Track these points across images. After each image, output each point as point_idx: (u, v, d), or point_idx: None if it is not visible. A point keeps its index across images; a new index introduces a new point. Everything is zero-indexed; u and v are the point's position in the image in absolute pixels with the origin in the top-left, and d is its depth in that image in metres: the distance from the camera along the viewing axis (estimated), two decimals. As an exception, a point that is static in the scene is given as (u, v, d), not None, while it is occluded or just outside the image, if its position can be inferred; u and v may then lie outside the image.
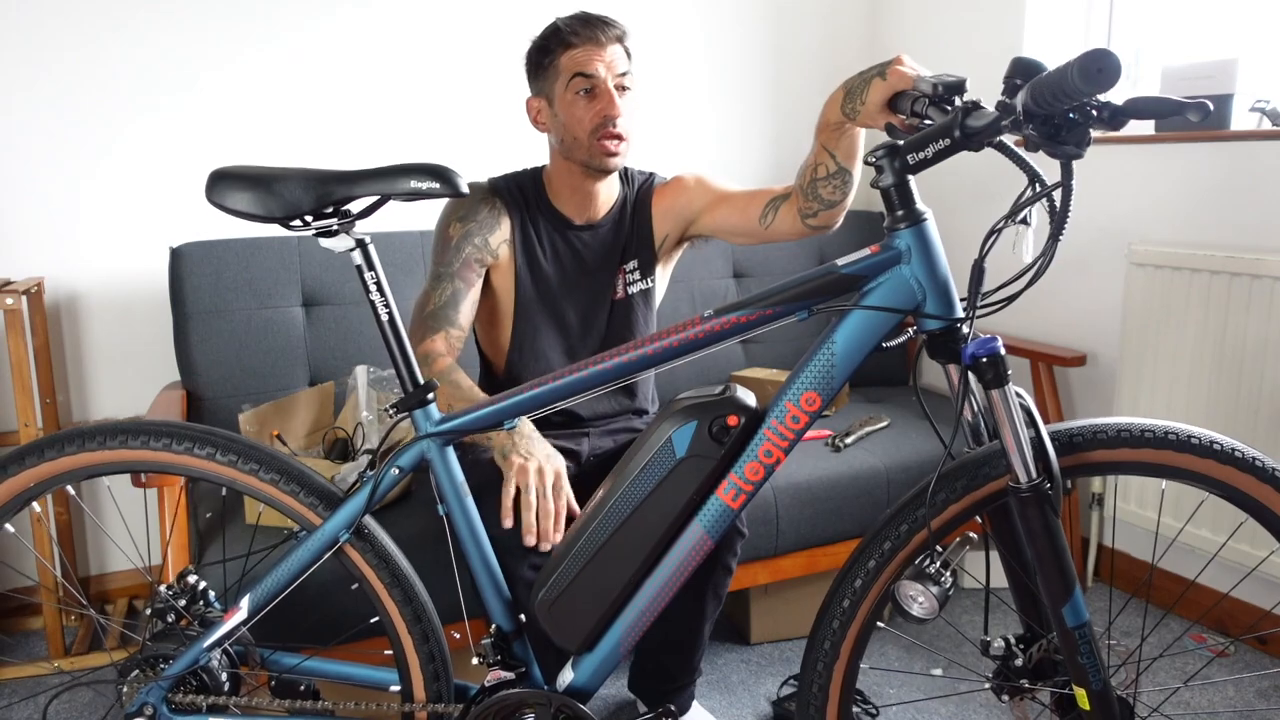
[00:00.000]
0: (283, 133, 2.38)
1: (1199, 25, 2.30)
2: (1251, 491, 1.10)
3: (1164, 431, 1.09)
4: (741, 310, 1.11)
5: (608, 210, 1.70)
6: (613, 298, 1.71)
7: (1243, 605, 2.11)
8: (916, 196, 1.07)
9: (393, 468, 1.22)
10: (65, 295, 2.28)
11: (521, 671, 1.28)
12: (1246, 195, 2.02)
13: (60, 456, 1.22)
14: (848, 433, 2.17)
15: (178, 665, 1.23)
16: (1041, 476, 1.05)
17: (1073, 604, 1.07)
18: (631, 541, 1.16)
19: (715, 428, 1.12)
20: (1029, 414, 1.06)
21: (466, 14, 2.49)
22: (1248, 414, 1.99)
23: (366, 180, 1.14)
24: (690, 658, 1.74)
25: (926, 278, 1.07)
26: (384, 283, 1.20)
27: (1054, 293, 2.48)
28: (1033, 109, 0.93)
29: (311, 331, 2.17)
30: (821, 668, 1.18)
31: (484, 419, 1.21)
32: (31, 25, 2.16)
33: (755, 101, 2.87)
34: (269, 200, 1.12)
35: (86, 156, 2.24)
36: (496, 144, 2.51)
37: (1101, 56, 0.85)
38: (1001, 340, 1.06)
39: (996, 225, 1.04)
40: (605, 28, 1.56)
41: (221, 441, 1.24)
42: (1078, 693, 1.10)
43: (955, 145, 1.00)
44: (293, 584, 1.23)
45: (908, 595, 1.06)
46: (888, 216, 1.08)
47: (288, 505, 1.25)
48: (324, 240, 1.18)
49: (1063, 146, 0.96)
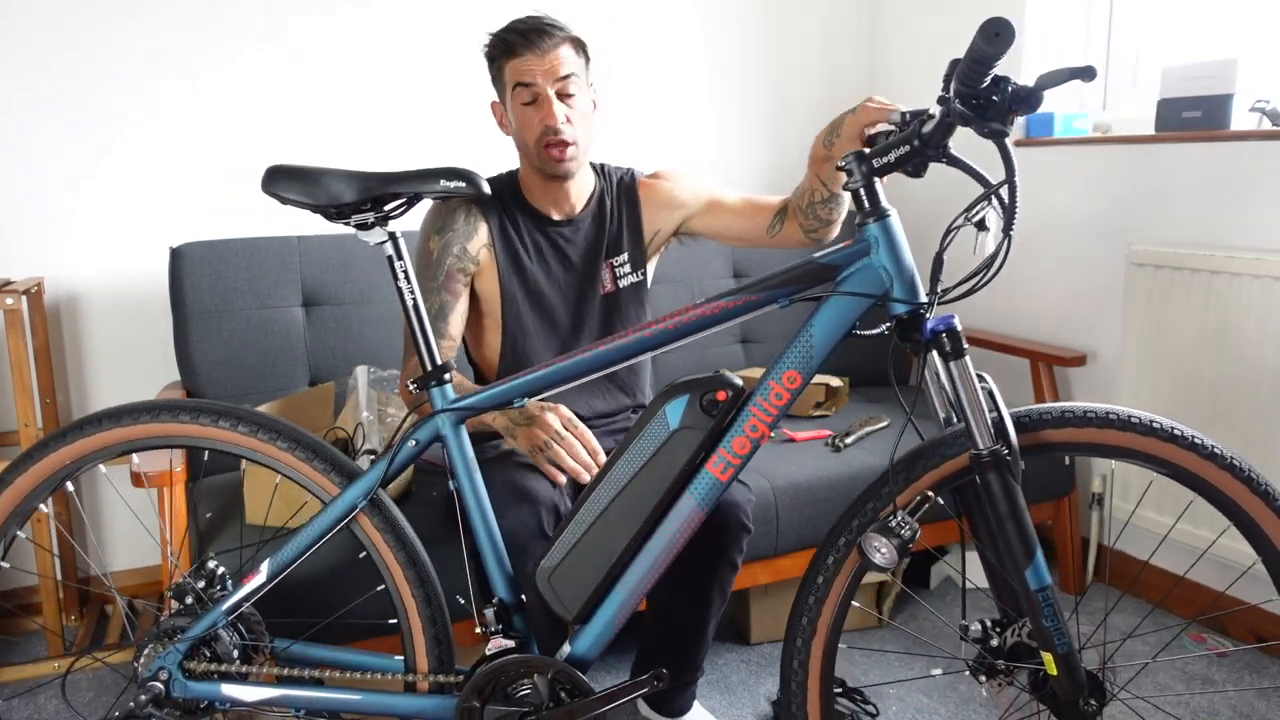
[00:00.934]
0: (283, 133, 2.38)
1: (1199, 25, 2.30)
2: (1195, 469, 1.18)
3: (1105, 412, 1.18)
4: (729, 296, 1.22)
5: (585, 204, 1.71)
6: (601, 292, 1.72)
7: (1228, 598, 2.11)
8: (883, 196, 1.19)
9: (410, 440, 1.32)
10: (65, 295, 2.28)
11: (521, 643, 1.33)
12: (1246, 195, 2.02)
13: (97, 433, 1.33)
14: (848, 433, 2.17)
15: (197, 628, 1.30)
16: (1000, 442, 1.14)
17: (1034, 567, 1.15)
18: (628, 510, 1.25)
19: (705, 401, 1.22)
20: (991, 396, 1.16)
21: (467, 15, 2.49)
22: (1248, 414, 1.99)
23: (403, 180, 1.28)
24: (694, 653, 1.74)
25: (893, 266, 1.18)
26: (411, 272, 1.31)
27: (1054, 293, 2.48)
28: (962, 90, 1.07)
29: (311, 331, 2.17)
30: (800, 643, 1.26)
31: (495, 397, 1.29)
32: (31, 26, 2.16)
33: (755, 99, 2.87)
34: (318, 192, 1.27)
35: (86, 156, 2.24)
36: (494, 144, 2.51)
37: (997, 21, 0.99)
38: (958, 318, 1.17)
39: (953, 223, 1.16)
40: (543, 35, 1.55)
41: (248, 416, 1.35)
42: (1045, 658, 1.17)
43: (914, 151, 1.14)
44: (312, 548, 1.32)
45: (872, 546, 1.15)
46: (858, 214, 1.20)
47: (309, 476, 1.35)
48: (361, 233, 1.31)
49: (990, 124, 1.08)
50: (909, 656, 2.09)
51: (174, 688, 1.30)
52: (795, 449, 2.12)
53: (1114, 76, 2.49)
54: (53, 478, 1.35)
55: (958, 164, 1.18)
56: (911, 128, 1.15)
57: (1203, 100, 2.07)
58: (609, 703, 1.28)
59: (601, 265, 1.71)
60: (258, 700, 1.31)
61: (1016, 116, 1.09)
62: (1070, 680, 1.17)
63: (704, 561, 1.64)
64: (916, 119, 1.17)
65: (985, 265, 1.16)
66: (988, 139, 1.10)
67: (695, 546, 1.62)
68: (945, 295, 1.17)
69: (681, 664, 1.76)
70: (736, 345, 2.57)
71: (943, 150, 1.14)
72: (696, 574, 1.65)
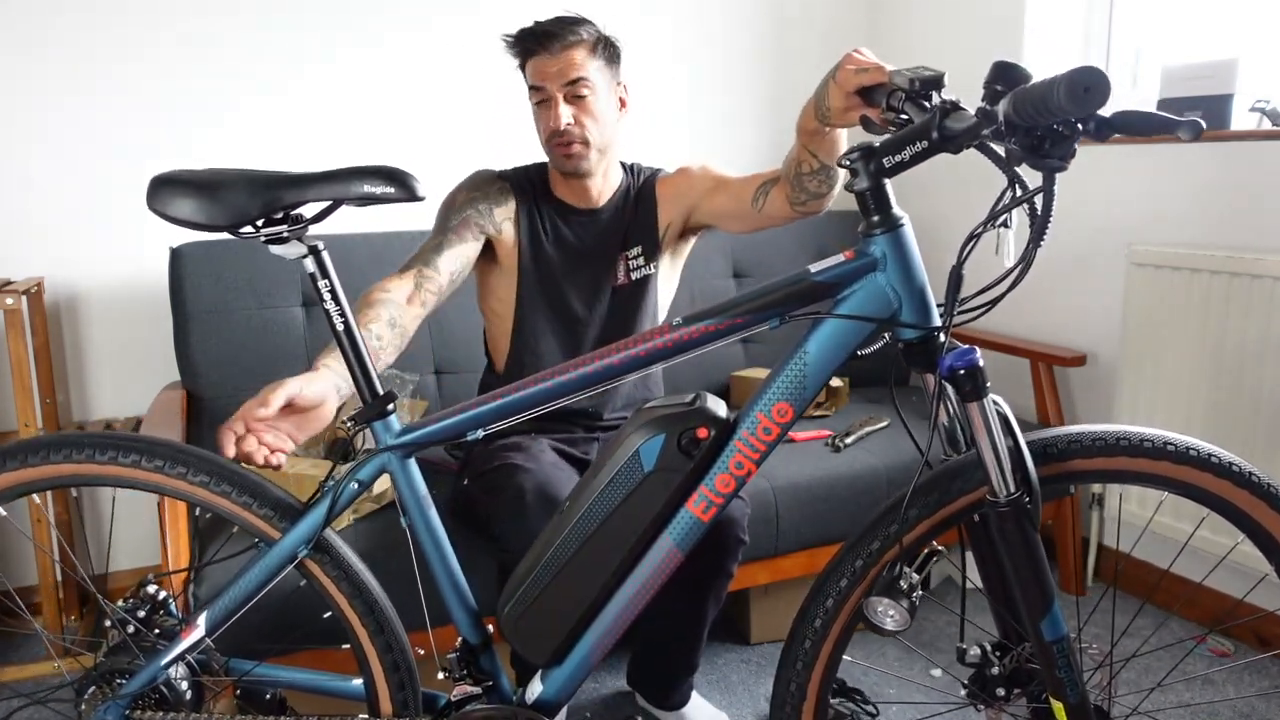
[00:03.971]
0: (283, 133, 2.38)
1: (1199, 25, 2.30)
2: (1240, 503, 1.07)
3: (1131, 438, 1.06)
4: (710, 319, 1.07)
5: (609, 198, 1.72)
6: (614, 283, 1.72)
7: (1248, 605, 2.11)
8: (893, 200, 1.03)
9: (352, 481, 1.18)
10: (65, 295, 2.28)
11: (489, 685, 1.25)
12: (1246, 195, 2.02)
13: (20, 468, 1.16)
14: (848, 433, 2.17)
15: (135, 683, 1.18)
16: (1020, 490, 1.02)
17: (1051, 618, 1.05)
18: (599, 556, 1.13)
19: (684, 440, 1.08)
20: (1006, 422, 1.03)
21: (466, 16, 2.49)
22: (1248, 414, 1.99)
23: (317, 184, 1.08)
24: (688, 656, 1.76)
25: (902, 285, 1.03)
26: (339, 290, 1.14)
27: (1054, 293, 2.48)
28: (1014, 120, 0.88)
29: (311, 331, 2.17)
30: (794, 688, 1.16)
31: (447, 430, 1.16)
32: (31, 27, 2.16)
33: (760, 87, 2.87)
34: (213, 208, 1.06)
35: (87, 156, 2.24)
36: (496, 146, 2.51)
37: (1090, 75, 0.79)
38: (980, 352, 1.02)
39: (975, 230, 0.99)
40: (554, 38, 1.56)
41: (170, 454, 1.18)
42: (1054, 706, 1.08)
43: (933, 147, 0.96)
44: (251, 600, 1.19)
45: (878, 611, 1.04)
46: (863, 221, 1.04)
47: (242, 518, 1.19)
48: (274, 248, 1.12)
49: (1045, 160, 0.91)
50: (909, 656, 2.09)
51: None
52: (795, 449, 2.12)
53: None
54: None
55: (987, 153, 0.99)
56: (930, 118, 0.95)
57: (1203, 100, 2.07)
58: None
59: (617, 258, 1.72)
60: None
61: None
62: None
63: (700, 574, 1.65)
64: (927, 98, 0.99)
65: (1002, 278, 1.00)
66: (1037, 171, 0.94)
67: (691, 560, 1.62)
68: (960, 313, 1.02)
69: (677, 664, 1.77)
70: (736, 345, 2.57)
71: (964, 145, 0.95)
72: (693, 586, 1.65)
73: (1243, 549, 1.96)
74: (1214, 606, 2.14)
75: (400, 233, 2.29)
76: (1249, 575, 2.05)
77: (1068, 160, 0.91)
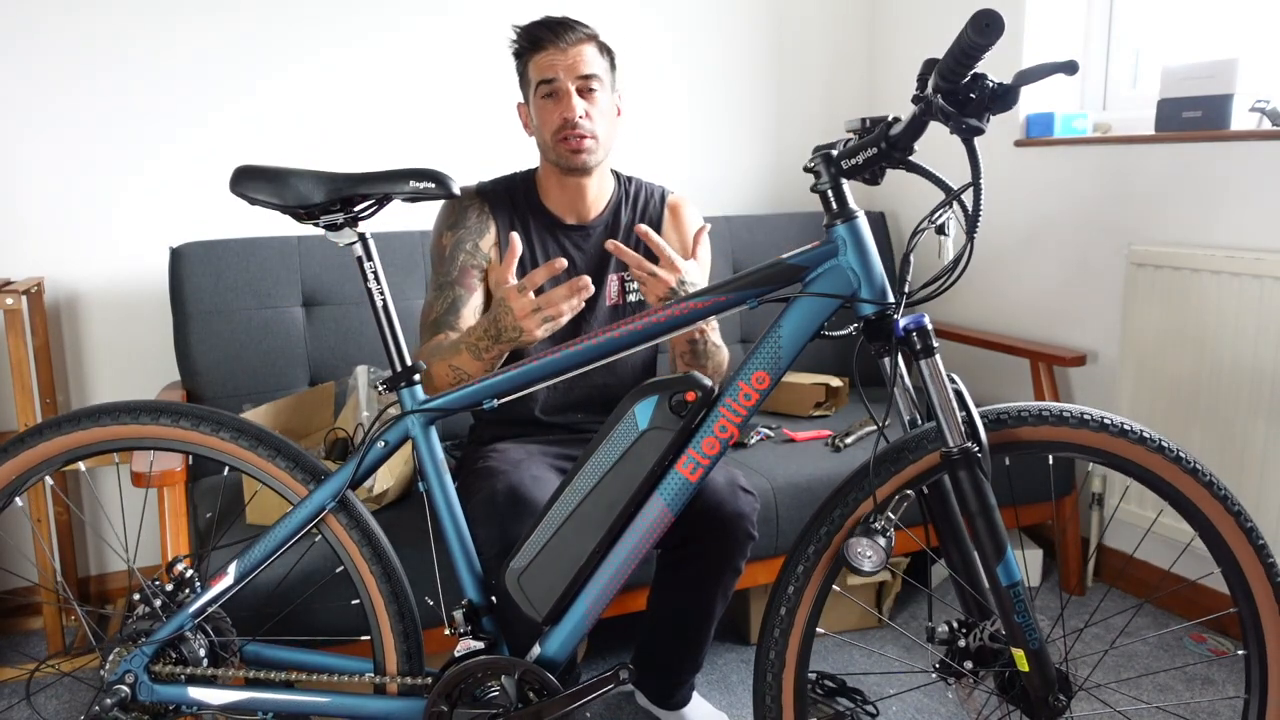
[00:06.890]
0: (282, 133, 2.38)
1: (1199, 25, 2.30)
2: (1162, 473, 1.22)
3: (1070, 413, 1.22)
4: (698, 297, 1.24)
5: (599, 212, 1.72)
6: (608, 303, 1.72)
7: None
8: (850, 197, 1.20)
9: (379, 441, 1.30)
10: (65, 295, 2.28)
11: (491, 644, 1.32)
12: (1246, 195, 2.02)
13: (72, 432, 1.31)
14: (847, 433, 2.18)
15: (164, 630, 1.28)
16: (971, 441, 1.16)
17: (1005, 564, 1.17)
18: (597, 511, 1.24)
19: (674, 401, 1.22)
20: (960, 396, 1.18)
21: (467, 18, 2.49)
22: (1248, 414, 2.00)
23: (372, 181, 1.26)
24: (695, 651, 1.76)
25: (860, 267, 1.20)
26: (380, 272, 1.31)
27: (1054, 293, 2.48)
28: (943, 85, 1.07)
29: (311, 331, 2.17)
30: (779, 634, 1.25)
31: (465, 398, 1.28)
32: (31, 27, 2.16)
33: (759, 100, 2.87)
34: (285, 192, 1.26)
35: (87, 156, 2.24)
36: (495, 148, 2.51)
37: (988, 12, 1.00)
38: (929, 318, 1.20)
39: (918, 226, 1.20)
40: (567, 31, 1.59)
41: (216, 417, 1.33)
42: (1016, 654, 1.19)
43: (882, 153, 1.15)
44: (279, 551, 1.30)
45: (858, 553, 1.16)
46: (826, 215, 1.21)
47: (277, 478, 1.33)
48: (330, 234, 1.30)
49: (967, 120, 1.09)
50: (909, 656, 2.09)
51: (140, 691, 1.28)
52: (795, 449, 2.12)
53: (1114, 76, 2.49)
54: (26, 474, 1.33)
55: (918, 170, 1.19)
56: (879, 130, 1.15)
57: (1203, 100, 2.07)
58: (575, 701, 1.27)
59: (610, 276, 1.71)
60: (225, 703, 1.29)
61: (994, 114, 1.10)
62: (1041, 676, 1.18)
63: (710, 568, 1.65)
64: (882, 122, 1.17)
65: (949, 269, 1.20)
66: (963, 136, 1.11)
67: (702, 554, 1.63)
68: (911, 298, 1.20)
69: (682, 661, 1.77)
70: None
71: (906, 154, 1.15)
72: (702, 580, 1.66)
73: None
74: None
75: (400, 233, 2.29)
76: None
77: (984, 121, 1.10)
